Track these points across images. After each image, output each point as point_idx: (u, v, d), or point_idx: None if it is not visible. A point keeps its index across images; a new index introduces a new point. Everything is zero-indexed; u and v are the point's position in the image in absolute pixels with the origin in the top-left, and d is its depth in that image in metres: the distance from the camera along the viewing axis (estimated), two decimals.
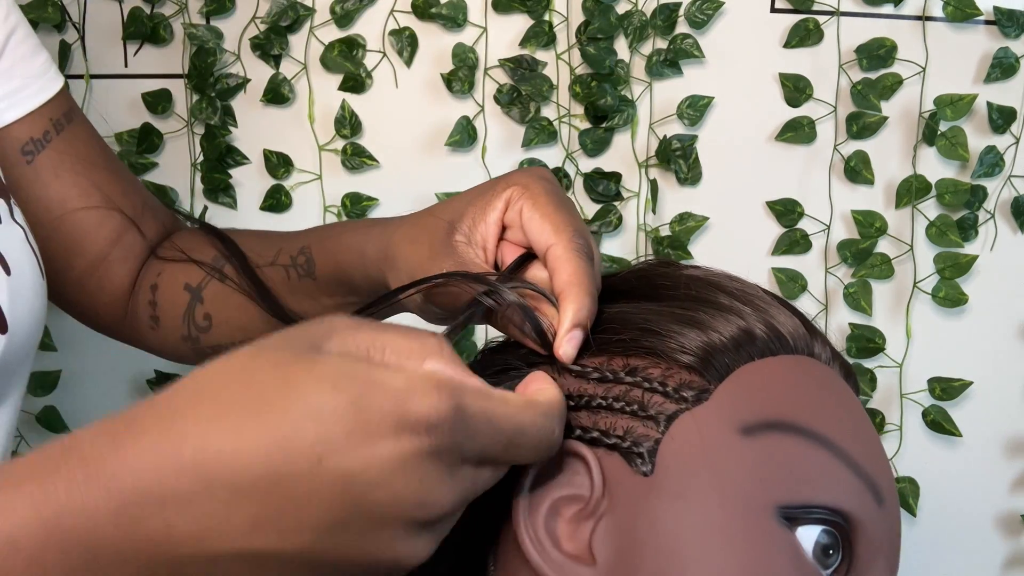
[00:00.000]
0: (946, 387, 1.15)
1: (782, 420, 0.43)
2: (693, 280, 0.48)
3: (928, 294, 1.13)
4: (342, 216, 1.15)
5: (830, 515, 0.42)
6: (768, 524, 0.41)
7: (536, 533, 0.42)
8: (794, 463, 0.42)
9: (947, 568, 1.20)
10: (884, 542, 0.44)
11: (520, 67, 1.12)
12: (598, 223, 1.14)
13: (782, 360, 0.45)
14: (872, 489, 0.43)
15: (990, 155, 1.10)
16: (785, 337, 0.46)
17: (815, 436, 0.43)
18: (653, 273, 0.50)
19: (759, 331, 0.45)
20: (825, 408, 0.44)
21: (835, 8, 1.09)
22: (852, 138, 1.11)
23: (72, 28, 1.13)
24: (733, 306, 0.46)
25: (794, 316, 0.47)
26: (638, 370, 0.44)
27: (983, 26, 1.09)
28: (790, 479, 0.42)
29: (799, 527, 0.41)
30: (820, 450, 0.43)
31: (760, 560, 0.40)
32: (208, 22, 1.13)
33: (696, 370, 0.44)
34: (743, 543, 0.40)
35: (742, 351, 0.44)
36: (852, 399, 0.47)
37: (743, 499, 0.41)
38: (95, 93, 1.14)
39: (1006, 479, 1.18)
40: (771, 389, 0.44)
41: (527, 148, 1.14)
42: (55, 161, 0.69)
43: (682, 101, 1.12)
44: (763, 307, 0.46)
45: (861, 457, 0.43)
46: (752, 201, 1.15)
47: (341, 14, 1.11)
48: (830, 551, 0.42)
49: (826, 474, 0.42)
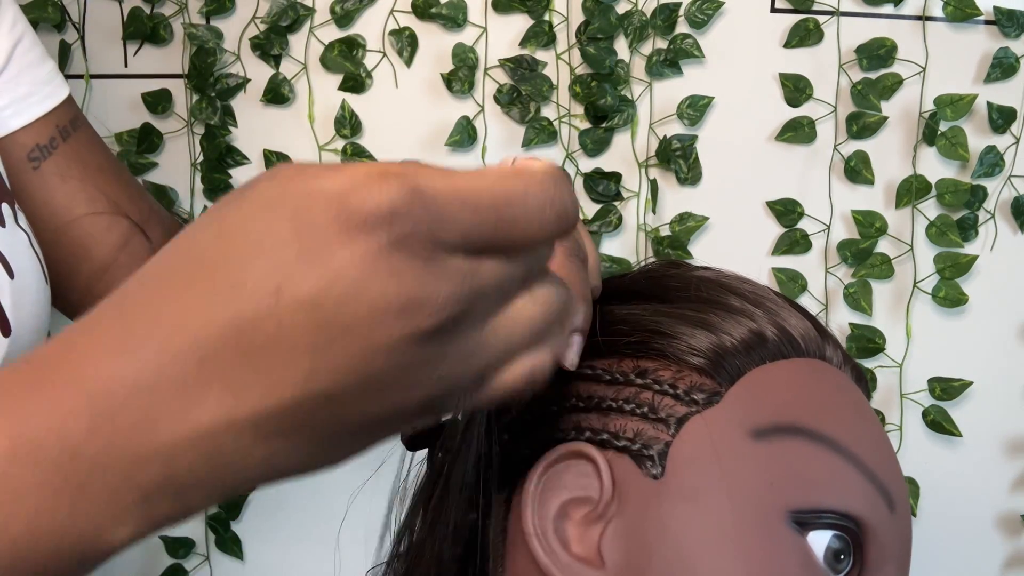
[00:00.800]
0: (946, 387, 1.15)
1: (793, 424, 0.43)
2: (703, 282, 0.48)
3: (928, 294, 1.13)
4: None
5: (841, 520, 0.42)
6: (779, 528, 0.41)
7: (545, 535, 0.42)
8: (805, 467, 0.42)
9: (947, 568, 1.20)
10: (895, 548, 0.44)
11: (520, 67, 1.12)
12: (598, 223, 1.14)
13: (793, 363, 0.45)
14: (884, 494, 0.43)
15: (990, 155, 1.10)
16: (796, 340, 0.45)
17: (826, 440, 0.43)
18: (663, 274, 0.49)
19: (770, 334, 0.45)
20: (837, 412, 0.44)
21: (835, 8, 1.09)
22: (852, 138, 1.12)
23: (72, 28, 1.13)
24: (744, 308, 0.46)
25: (805, 319, 0.47)
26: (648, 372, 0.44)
27: (983, 26, 1.09)
28: (801, 483, 0.42)
29: (810, 532, 0.41)
30: (831, 454, 0.43)
31: (770, 564, 0.40)
32: (208, 22, 1.12)
33: (707, 372, 0.44)
34: (753, 547, 0.40)
35: (753, 354, 0.44)
36: (864, 403, 0.47)
37: (754, 503, 0.41)
38: (95, 93, 1.14)
39: (1006, 479, 1.18)
40: (782, 392, 0.44)
41: (527, 148, 1.13)
42: (62, 167, 0.70)
43: (682, 101, 1.12)
44: (774, 309, 0.46)
45: (873, 462, 0.43)
46: (752, 201, 1.15)
47: (341, 14, 1.11)
48: (841, 556, 0.42)
49: (838, 479, 0.42)
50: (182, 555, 1.20)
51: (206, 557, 1.21)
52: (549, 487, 0.43)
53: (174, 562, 1.21)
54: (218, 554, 1.22)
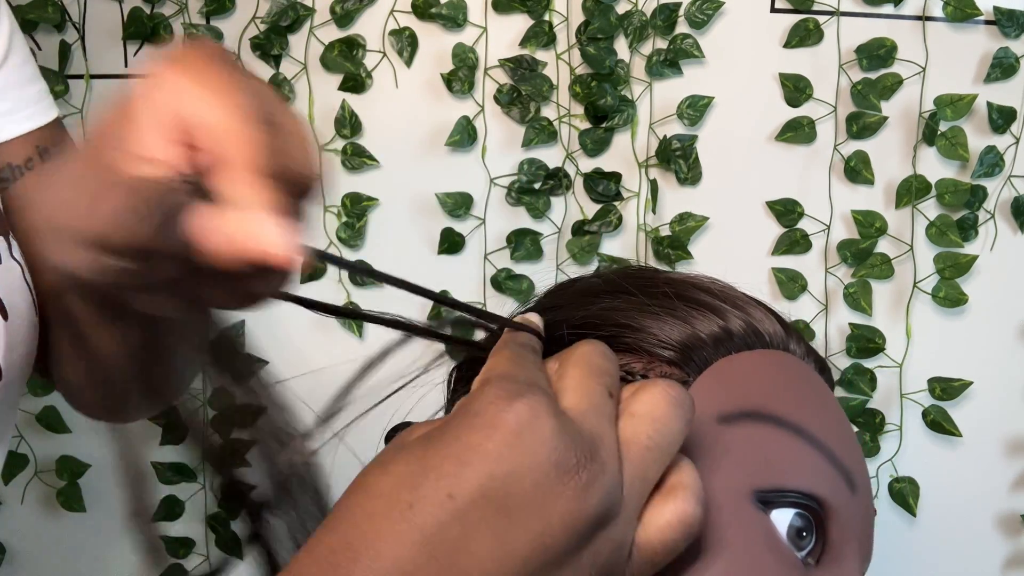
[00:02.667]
0: (946, 387, 1.15)
1: (758, 410, 0.45)
2: (672, 281, 0.50)
3: (928, 294, 1.13)
4: (342, 216, 1.15)
5: (803, 499, 0.43)
6: (744, 506, 0.42)
7: None
8: (769, 450, 0.44)
9: (947, 568, 1.20)
10: (857, 527, 0.45)
11: (520, 67, 1.12)
12: (598, 223, 1.14)
13: (758, 354, 0.47)
14: (845, 476, 0.45)
15: (990, 155, 1.10)
16: (762, 333, 0.47)
17: (789, 425, 0.45)
18: (634, 273, 0.51)
19: (737, 327, 0.47)
20: (799, 399, 0.46)
21: (835, 8, 1.09)
22: (852, 138, 1.12)
23: (72, 28, 1.13)
24: (712, 303, 0.48)
25: (770, 315, 0.49)
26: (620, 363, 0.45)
27: (983, 26, 1.09)
28: (765, 465, 0.43)
29: (773, 510, 0.43)
30: (794, 438, 0.44)
31: (737, 541, 0.41)
32: (208, 22, 1.13)
33: (676, 363, 0.46)
34: (721, 523, 0.42)
35: (720, 346, 0.46)
36: (826, 392, 0.49)
37: (721, 483, 0.42)
38: (95, 93, 1.14)
39: (1006, 479, 1.18)
40: (748, 381, 0.45)
41: (527, 148, 1.14)
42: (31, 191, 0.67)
43: (682, 101, 1.12)
44: (741, 305, 0.48)
45: (834, 446, 0.45)
46: (752, 201, 1.15)
47: (341, 14, 1.11)
48: (803, 533, 0.43)
49: (800, 461, 0.44)
50: (182, 555, 1.20)
51: (206, 557, 1.21)
52: None
53: (174, 562, 1.21)
54: (218, 554, 1.22)
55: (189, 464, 1.20)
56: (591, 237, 1.14)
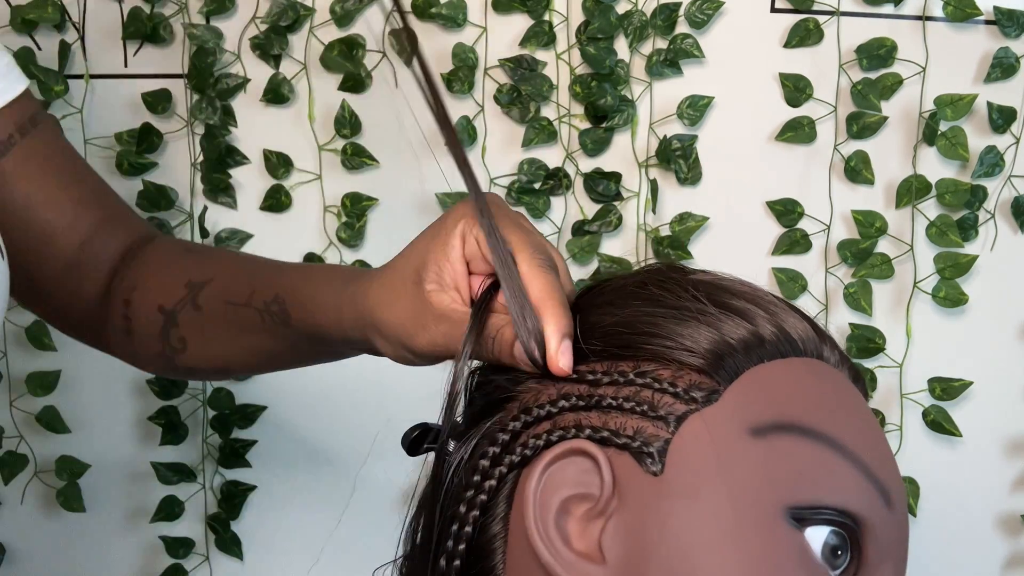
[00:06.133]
0: (946, 387, 1.15)
1: (791, 422, 0.43)
2: (700, 284, 0.48)
3: (928, 294, 1.13)
4: (342, 216, 1.15)
5: (839, 516, 0.42)
6: (777, 524, 0.41)
7: (547, 531, 0.42)
8: (803, 464, 0.42)
9: (947, 568, 1.20)
10: (893, 545, 0.44)
11: (520, 67, 1.12)
12: (598, 223, 1.14)
13: (791, 363, 0.45)
14: (881, 492, 0.44)
15: (990, 155, 1.10)
16: (795, 340, 0.46)
17: (824, 438, 0.43)
18: (661, 276, 0.50)
19: (768, 334, 0.45)
20: (834, 410, 0.44)
21: (835, 8, 1.09)
22: (852, 138, 1.12)
23: (72, 28, 1.13)
24: (742, 308, 0.46)
25: (804, 320, 0.47)
26: (648, 372, 0.45)
27: (983, 26, 1.09)
28: (799, 480, 0.42)
29: (808, 528, 0.41)
30: (829, 452, 0.43)
31: (769, 560, 0.40)
32: (208, 22, 1.13)
33: (706, 372, 0.44)
34: (752, 542, 0.41)
35: (752, 353, 0.45)
36: (861, 402, 0.47)
37: (752, 499, 0.41)
38: (95, 93, 1.14)
39: (1006, 479, 1.18)
40: (780, 391, 0.44)
41: (527, 148, 1.14)
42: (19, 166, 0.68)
43: (682, 101, 1.12)
44: (773, 310, 0.47)
45: (871, 460, 0.44)
46: (752, 201, 1.15)
47: (341, 14, 1.11)
48: (838, 552, 0.42)
49: (835, 476, 0.43)
50: (182, 555, 1.20)
51: (206, 557, 1.21)
52: (550, 484, 0.43)
53: (174, 562, 1.21)
54: (218, 554, 1.22)
55: (189, 464, 1.19)
56: (591, 237, 1.14)
